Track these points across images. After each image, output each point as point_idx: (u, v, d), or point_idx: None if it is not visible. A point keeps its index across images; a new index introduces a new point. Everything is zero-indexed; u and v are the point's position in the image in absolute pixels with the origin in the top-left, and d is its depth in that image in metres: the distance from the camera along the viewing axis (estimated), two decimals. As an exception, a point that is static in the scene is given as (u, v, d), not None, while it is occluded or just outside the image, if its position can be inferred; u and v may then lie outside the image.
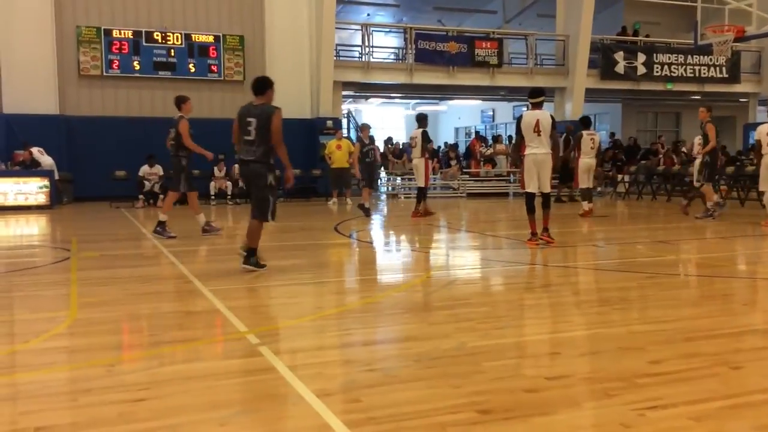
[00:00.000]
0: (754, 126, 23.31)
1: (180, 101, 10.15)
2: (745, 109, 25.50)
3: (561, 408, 3.20)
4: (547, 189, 9.13)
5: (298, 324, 4.96)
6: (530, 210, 9.09)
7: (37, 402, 3.40)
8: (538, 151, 8.94)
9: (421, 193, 13.30)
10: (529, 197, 9.09)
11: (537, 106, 9.08)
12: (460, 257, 8.90)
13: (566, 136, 16.80)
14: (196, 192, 10.50)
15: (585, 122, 13.92)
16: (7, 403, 3.42)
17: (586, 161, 13.46)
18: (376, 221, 13.22)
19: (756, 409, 3.19)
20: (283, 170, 7.29)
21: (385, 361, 4.13)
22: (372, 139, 14.57)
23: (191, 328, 4.94)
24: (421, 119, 13.38)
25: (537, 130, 8.89)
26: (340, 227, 11.53)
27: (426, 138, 12.99)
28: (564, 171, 16.05)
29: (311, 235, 10.82)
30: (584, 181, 13.50)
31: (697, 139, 12.86)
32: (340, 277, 7.52)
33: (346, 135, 23.88)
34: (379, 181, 20.85)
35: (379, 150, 19.28)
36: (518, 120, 9.22)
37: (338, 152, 17.32)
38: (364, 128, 14.74)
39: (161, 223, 10.01)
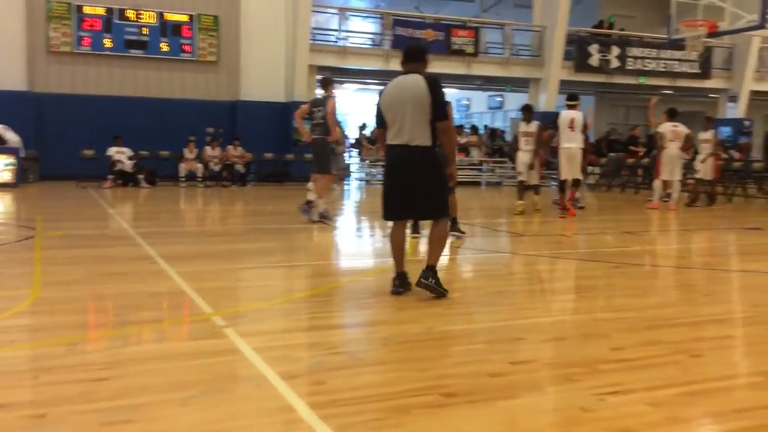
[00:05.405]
0: (724, 122, 23.81)
1: (326, 83, 9.96)
2: (715, 105, 25.81)
3: (524, 392, 3.24)
4: (579, 176, 11.25)
5: (265, 307, 4.94)
6: (562, 189, 11.21)
7: (-4, 379, 3.35)
8: (571, 146, 10.91)
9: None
10: (564, 182, 11.17)
11: (573, 107, 10.97)
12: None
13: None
14: (335, 176, 10.88)
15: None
16: (-35, 381, 3.37)
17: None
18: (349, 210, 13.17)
19: (713, 396, 3.25)
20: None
21: (351, 345, 4.14)
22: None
23: (156, 309, 4.89)
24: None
25: (571, 126, 10.79)
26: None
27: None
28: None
29: (283, 219, 10.77)
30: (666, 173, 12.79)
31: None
32: (309, 261, 7.49)
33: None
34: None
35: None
36: (556, 117, 11.12)
37: None
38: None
39: (309, 202, 9.88)
